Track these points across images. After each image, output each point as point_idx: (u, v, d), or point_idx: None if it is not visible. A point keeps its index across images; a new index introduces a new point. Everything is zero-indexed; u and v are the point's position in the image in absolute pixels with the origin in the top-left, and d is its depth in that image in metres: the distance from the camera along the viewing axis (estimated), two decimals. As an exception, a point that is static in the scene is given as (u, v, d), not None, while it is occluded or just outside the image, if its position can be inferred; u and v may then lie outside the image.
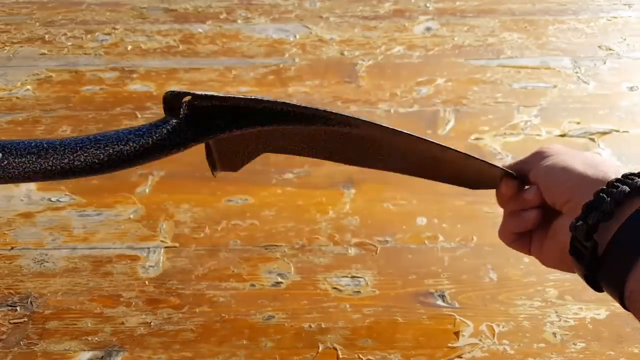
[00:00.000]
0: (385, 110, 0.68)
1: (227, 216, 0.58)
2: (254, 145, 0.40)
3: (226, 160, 0.40)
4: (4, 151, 0.32)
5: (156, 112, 0.68)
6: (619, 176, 0.34)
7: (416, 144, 0.42)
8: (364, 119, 0.39)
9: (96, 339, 0.49)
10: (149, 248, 0.55)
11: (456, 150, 0.42)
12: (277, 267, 0.53)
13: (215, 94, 0.34)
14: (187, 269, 0.53)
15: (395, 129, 0.40)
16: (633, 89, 0.70)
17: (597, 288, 0.34)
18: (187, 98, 0.34)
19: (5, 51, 0.78)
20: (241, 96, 0.36)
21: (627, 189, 0.32)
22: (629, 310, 0.32)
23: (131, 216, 0.58)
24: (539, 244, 0.41)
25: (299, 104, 0.37)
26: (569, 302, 0.50)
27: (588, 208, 0.33)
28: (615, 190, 0.32)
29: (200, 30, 0.80)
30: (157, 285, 0.52)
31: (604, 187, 0.33)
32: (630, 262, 0.31)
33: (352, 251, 0.54)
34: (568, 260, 0.36)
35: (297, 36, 0.79)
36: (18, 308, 0.51)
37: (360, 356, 0.47)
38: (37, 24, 0.82)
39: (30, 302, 0.51)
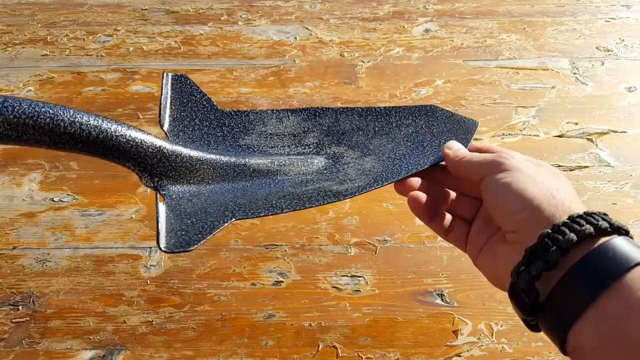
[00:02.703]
0: (385, 111, 0.68)
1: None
2: None
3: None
4: None
5: (157, 112, 0.69)
6: (569, 216, 0.31)
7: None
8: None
9: (98, 337, 0.49)
10: (150, 247, 0.56)
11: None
12: (277, 267, 0.54)
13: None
14: (188, 268, 0.54)
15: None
16: (631, 90, 0.70)
17: (536, 329, 0.32)
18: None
19: (8, 52, 0.78)
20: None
21: (575, 237, 0.29)
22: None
23: (133, 216, 0.58)
24: (476, 247, 0.38)
25: None
26: (566, 301, 0.50)
27: (531, 254, 0.31)
28: (561, 237, 0.30)
29: (202, 32, 0.80)
30: (158, 285, 0.53)
31: (550, 232, 0.30)
32: (573, 318, 0.28)
33: (352, 250, 0.55)
34: (503, 284, 0.34)
35: (298, 38, 0.79)
36: (20, 307, 0.51)
37: (360, 354, 0.48)
38: (39, 25, 0.83)
39: (33, 301, 0.52)
